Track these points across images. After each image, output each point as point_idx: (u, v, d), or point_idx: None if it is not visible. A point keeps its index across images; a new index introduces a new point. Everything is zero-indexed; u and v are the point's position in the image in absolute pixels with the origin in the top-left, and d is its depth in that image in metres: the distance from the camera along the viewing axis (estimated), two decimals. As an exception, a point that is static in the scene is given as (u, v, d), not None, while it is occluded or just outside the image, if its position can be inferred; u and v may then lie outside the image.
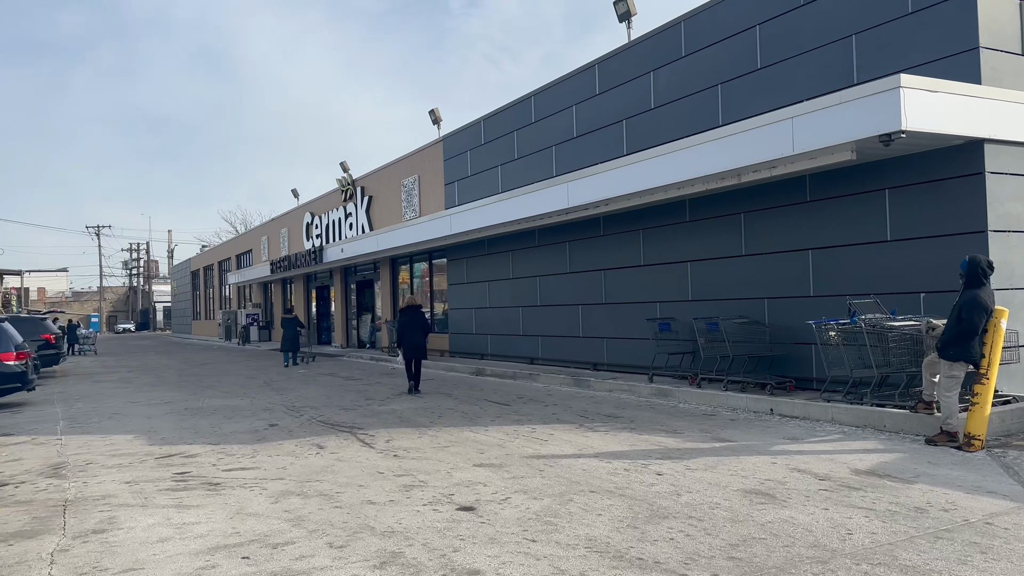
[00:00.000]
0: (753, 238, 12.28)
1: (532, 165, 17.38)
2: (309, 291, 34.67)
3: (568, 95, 16.36)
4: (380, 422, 10.76)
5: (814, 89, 10.99)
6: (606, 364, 15.35)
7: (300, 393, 14.97)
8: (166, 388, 17.24)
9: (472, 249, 20.06)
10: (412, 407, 12.21)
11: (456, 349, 21.05)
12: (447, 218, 18.50)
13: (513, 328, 18.41)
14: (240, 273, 41.40)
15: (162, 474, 7.74)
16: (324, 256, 27.54)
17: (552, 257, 16.98)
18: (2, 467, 8.40)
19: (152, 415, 12.49)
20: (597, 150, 15.30)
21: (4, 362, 14.15)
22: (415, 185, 23.28)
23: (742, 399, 10.81)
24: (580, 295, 16.11)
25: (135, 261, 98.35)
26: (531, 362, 17.59)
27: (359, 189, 27.53)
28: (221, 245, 53.25)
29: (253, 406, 13.18)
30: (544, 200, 14.88)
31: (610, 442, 8.68)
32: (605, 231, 15.35)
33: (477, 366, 17.61)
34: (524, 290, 17.98)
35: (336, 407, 12.58)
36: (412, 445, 8.87)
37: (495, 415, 11.06)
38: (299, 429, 10.40)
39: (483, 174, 19.42)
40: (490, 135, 19.16)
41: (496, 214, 16.51)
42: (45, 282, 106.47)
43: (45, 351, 21.47)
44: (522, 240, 17.89)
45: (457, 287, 21.06)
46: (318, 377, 18.45)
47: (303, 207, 34.21)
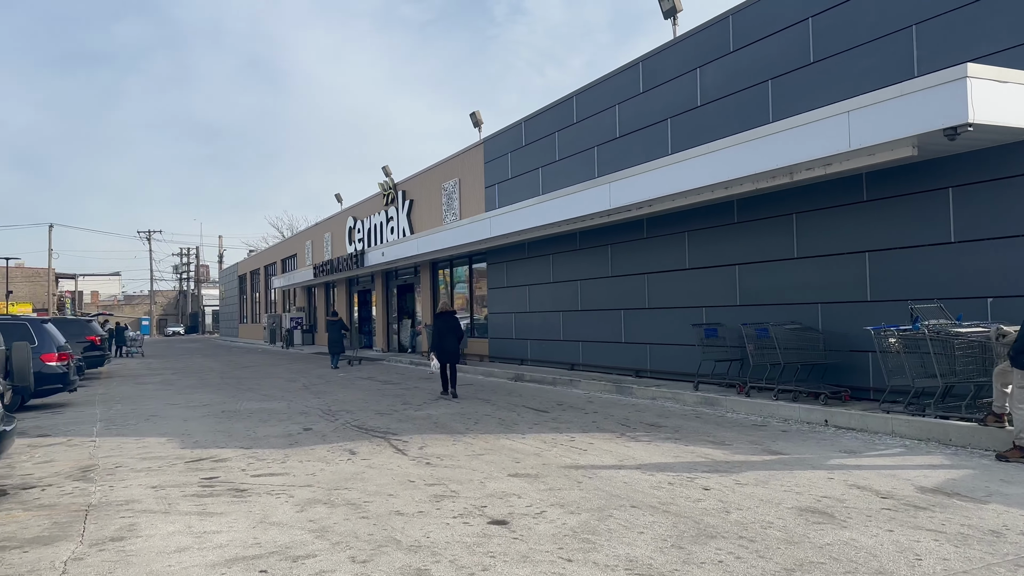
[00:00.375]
0: (806, 240, 11.71)
1: (573, 166, 16.99)
2: (351, 295, 34.75)
3: (611, 94, 15.94)
4: (415, 427, 10.47)
5: (871, 83, 10.40)
6: (649, 371, 14.85)
7: (337, 397, 14.80)
8: (207, 390, 17.25)
9: (512, 252, 19.73)
10: (448, 412, 11.90)
11: (496, 354, 20.74)
12: (486, 221, 18.21)
13: (553, 333, 18.02)
14: (284, 277, 41.79)
15: (189, 479, 7.54)
16: (365, 260, 27.51)
17: (593, 260, 16.55)
18: (33, 468, 8.32)
19: (189, 417, 12.41)
20: (640, 150, 14.84)
21: (46, 363, 14.26)
22: (456, 188, 23.07)
23: (794, 409, 10.26)
24: (622, 299, 15.65)
25: (185, 265, 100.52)
26: (571, 368, 17.17)
27: (400, 193, 27.45)
28: (267, 250, 53.93)
29: (290, 409, 13.02)
30: (585, 202, 14.48)
31: (653, 453, 8.23)
32: (648, 233, 14.88)
33: (516, 371, 17.26)
34: (565, 294, 17.58)
35: (372, 411, 12.35)
36: (446, 452, 8.55)
37: (533, 422, 10.69)
38: (332, 434, 10.16)
39: (524, 176, 19.09)
40: (531, 136, 18.83)
41: (536, 216, 16.16)
42: (98, 285, 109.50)
43: (90, 352, 21.78)
44: (563, 243, 17.51)
45: (497, 291, 20.75)
46: (357, 381, 18.30)
47: (346, 211, 34.33)
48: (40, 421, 12.50)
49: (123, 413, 13.26)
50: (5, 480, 7.72)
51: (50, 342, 14.43)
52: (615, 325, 15.87)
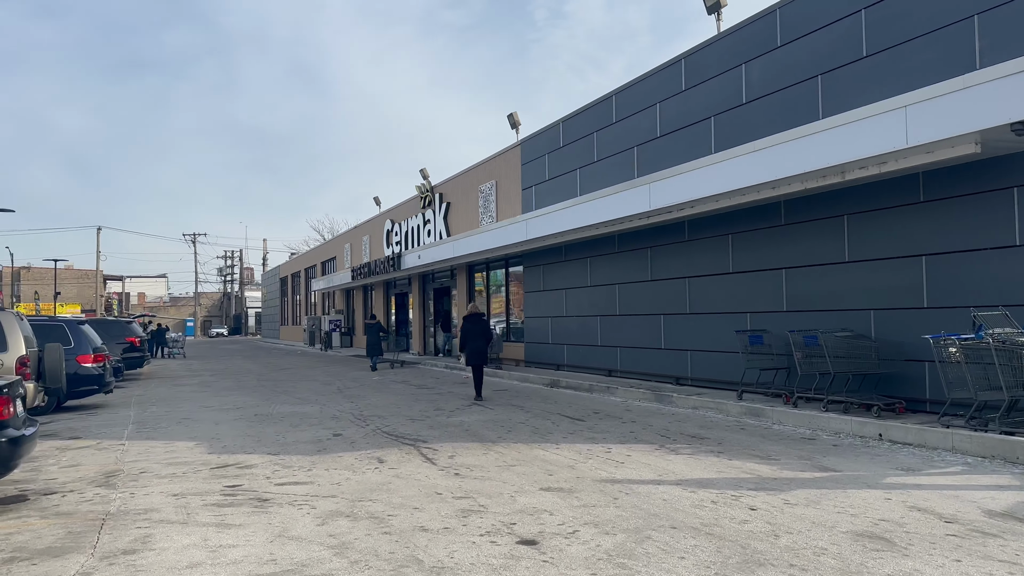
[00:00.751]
0: (858, 243, 11.12)
1: (612, 167, 16.56)
2: (389, 298, 34.71)
3: (651, 92, 15.48)
4: (446, 435, 10.15)
5: (928, 78, 9.80)
6: (690, 379, 14.34)
7: (370, 401, 14.58)
8: (242, 393, 17.19)
9: (549, 256, 19.36)
10: (481, 420, 11.57)
11: (532, 359, 20.36)
12: (523, 223, 17.86)
13: (590, 338, 17.59)
14: (323, 280, 42.00)
15: (212, 487, 7.32)
16: (402, 263, 27.38)
17: (632, 264, 16.09)
18: (58, 473, 8.19)
19: (220, 421, 12.28)
20: (682, 150, 14.36)
21: (82, 364, 14.31)
22: (492, 191, 22.78)
23: (845, 422, 9.69)
24: (662, 304, 15.16)
25: (229, 268, 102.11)
26: (609, 374, 16.72)
27: (437, 196, 27.26)
28: (307, 253, 54.36)
29: (321, 414, 12.82)
30: (624, 203, 14.05)
31: (695, 467, 7.78)
32: (690, 236, 14.38)
33: (552, 377, 16.87)
34: (602, 298, 17.15)
35: (404, 417, 12.07)
36: (476, 462, 8.20)
37: (568, 431, 10.29)
38: (362, 440, 9.90)
39: (561, 178, 18.71)
40: (569, 137, 18.44)
41: (573, 218, 15.77)
42: (145, 287, 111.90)
43: (130, 354, 21.97)
44: (600, 246, 17.08)
45: (533, 295, 20.39)
46: (391, 385, 18.09)
47: (384, 214, 34.31)
48: (74, 423, 12.49)
49: (156, 416, 13.20)
50: (28, 485, 7.60)
51: (86, 343, 14.48)
52: (654, 330, 15.39)
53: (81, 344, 14.43)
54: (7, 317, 10.50)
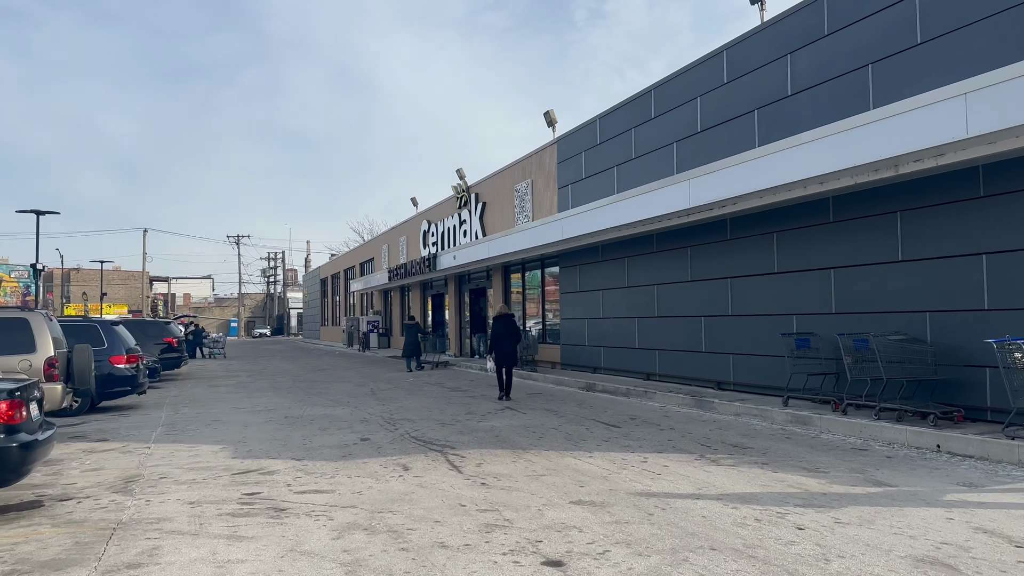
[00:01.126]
0: (912, 241, 10.48)
1: (650, 164, 16.05)
2: (425, 299, 34.56)
3: (692, 86, 14.94)
4: (475, 441, 9.79)
5: (988, 65, 9.14)
6: (732, 383, 13.77)
7: (402, 404, 14.30)
8: (275, 394, 17.09)
9: (585, 256, 18.90)
10: (513, 425, 11.18)
11: (568, 361, 19.93)
12: (558, 223, 17.44)
13: (628, 340, 17.09)
14: (361, 281, 42.08)
15: (230, 494, 7.06)
16: (437, 263, 27.17)
17: (671, 264, 15.56)
18: (78, 477, 8.03)
19: (250, 423, 12.11)
20: (724, 144, 13.80)
21: (115, 365, 14.30)
22: (528, 190, 22.40)
23: (900, 431, 9.09)
24: (703, 306, 14.61)
25: (272, 269, 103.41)
26: (647, 378, 16.21)
27: (473, 196, 26.99)
28: (346, 254, 54.65)
29: (351, 417, 12.58)
30: (662, 200, 13.55)
31: (737, 480, 7.29)
32: (732, 234, 13.81)
33: (588, 380, 16.41)
34: (640, 299, 16.64)
35: (434, 421, 11.76)
36: (504, 471, 7.82)
37: (602, 439, 9.85)
38: (389, 445, 9.60)
39: (598, 176, 18.24)
40: (606, 134, 17.97)
41: (609, 217, 15.30)
42: (191, 288, 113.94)
43: (168, 354, 22.10)
44: (638, 246, 16.57)
45: (569, 296, 19.94)
46: (424, 387, 17.82)
47: (420, 215, 34.18)
48: (104, 424, 12.44)
49: (186, 418, 13.10)
50: (47, 490, 7.44)
51: (119, 344, 14.47)
52: (695, 333, 14.84)
53: (114, 345, 14.43)
54: (35, 318, 10.45)
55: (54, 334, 10.74)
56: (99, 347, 14.29)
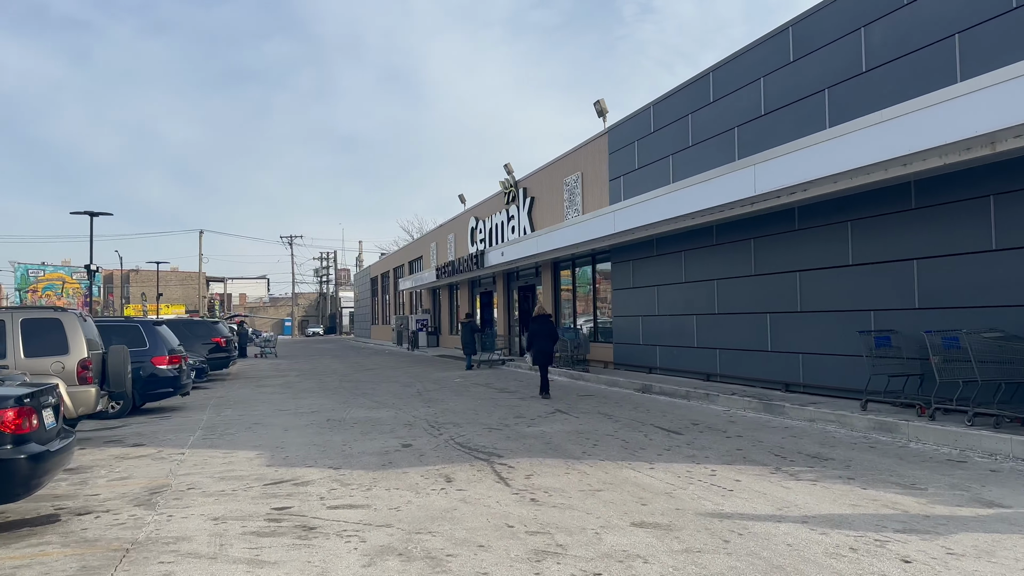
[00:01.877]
0: (1008, 227, 9.39)
1: (709, 151, 15.10)
2: (473, 296, 34.00)
3: (754, 67, 13.96)
4: (524, 448, 9.08)
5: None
6: (801, 385, 12.78)
7: (448, 406, 13.68)
8: (321, 395, 16.67)
9: (638, 250, 18.02)
10: (565, 430, 10.44)
11: (621, 361, 19.07)
12: (610, 215, 16.61)
13: (686, 339, 16.17)
14: (410, 279, 41.79)
15: (258, 509, 6.49)
16: (485, 260, 26.54)
17: (733, 257, 14.60)
18: (103, 488, 7.57)
19: (291, 426, 11.63)
20: (790, 128, 12.81)
21: (157, 366, 14.00)
22: (578, 183, 21.59)
23: (1002, 440, 8.06)
24: (768, 301, 13.63)
25: (324, 269, 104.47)
26: (707, 378, 15.28)
27: (521, 191, 26.29)
28: (395, 252, 54.54)
29: (395, 420, 12.01)
30: (725, 188, 12.63)
31: (821, 499, 6.41)
32: (800, 224, 12.81)
33: (644, 381, 15.55)
34: (699, 295, 15.70)
35: (481, 425, 11.09)
36: (556, 485, 7.09)
37: (663, 447, 9.03)
38: (432, 453, 8.96)
39: (652, 166, 17.34)
40: (660, 121, 17.06)
41: (666, 208, 14.42)
42: (246, 288, 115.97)
43: (216, 354, 21.94)
44: (696, 238, 15.64)
45: (622, 292, 19.08)
46: (471, 388, 17.19)
47: (468, 212, 33.63)
48: (144, 427, 12.10)
49: (227, 420, 12.69)
50: (67, 502, 6.98)
51: (161, 345, 14.17)
52: (759, 331, 13.86)
53: (156, 345, 14.14)
54: (68, 318, 10.11)
55: (88, 335, 10.39)
56: (140, 348, 14.02)
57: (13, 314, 10.02)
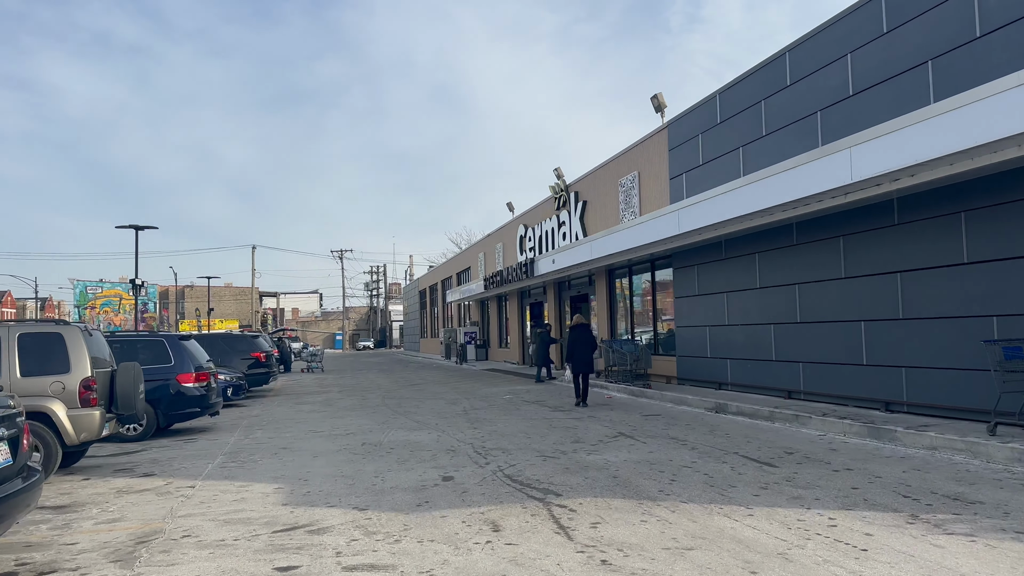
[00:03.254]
0: None
1: (786, 140, 13.45)
2: (523, 308, 32.59)
3: (839, 42, 12.31)
4: (586, 483, 7.61)
5: None
6: (904, 404, 11.02)
7: (496, 427, 12.28)
8: (361, 413, 15.46)
9: (704, 253, 16.40)
10: (632, 460, 8.92)
11: (685, 375, 17.42)
12: (674, 214, 15.03)
13: (762, 351, 14.47)
14: (457, 291, 40.64)
15: (258, 569, 5.18)
16: (535, 269, 25.14)
17: (817, 258, 12.90)
18: (84, 535, 6.35)
19: (321, 452, 10.38)
20: (884, 107, 11.13)
21: (182, 384, 12.94)
22: (634, 183, 20.05)
23: None
24: (862, 308, 11.90)
25: (375, 283, 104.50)
26: (788, 396, 13.56)
27: (572, 195, 24.84)
28: (443, 264, 53.56)
29: (437, 444, 10.67)
30: (813, 177, 10.99)
31: (993, 563, 4.77)
32: (902, 218, 11.09)
33: (716, 399, 13.90)
34: (777, 302, 14.01)
35: (533, 452, 9.65)
36: (632, 539, 5.60)
37: (757, 483, 7.45)
38: (476, 488, 7.55)
39: (718, 160, 15.74)
40: (728, 110, 15.46)
41: (740, 203, 12.81)
42: (299, 303, 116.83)
43: (255, 370, 20.97)
44: (772, 238, 13.97)
45: (685, 300, 17.45)
46: (522, 406, 15.75)
47: (517, 219, 32.32)
48: (162, 452, 10.99)
49: (255, 444, 11.51)
50: (35, 554, 5.76)
51: (187, 361, 13.11)
52: (851, 341, 12.13)
53: (182, 362, 13.08)
54: (71, 332, 9.02)
55: (95, 352, 9.29)
56: (165, 364, 12.99)
57: (10, 328, 8.98)
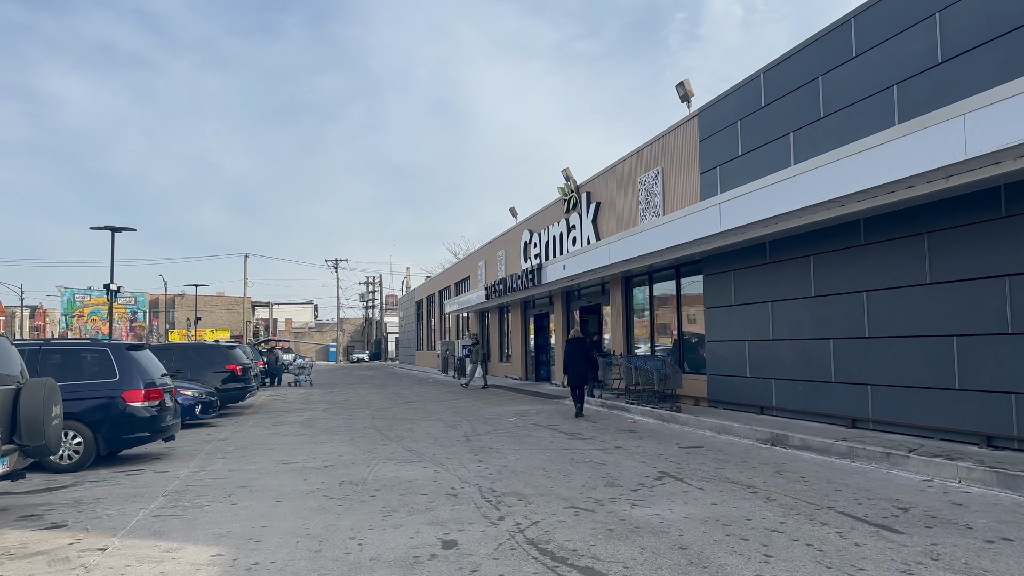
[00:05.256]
0: None
1: (852, 120, 11.39)
2: (527, 320, 30.43)
3: (923, 1, 10.27)
4: (647, 560, 5.45)
5: None
6: (1016, 439, 8.89)
7: (507, 461, 10.12)
8: (345, 438, 13.29)
9: (743, 257, 14.29)
10: (694, 516, 6.75)
11: (717, 397, 15.27)
12: (714, 209, 12.91)
13: (818, 371, 12.33)
14: (455, 301, 38.44)
15: None
16: (543, 276, 22.98)
17: (892, 261, 10.80)
18: None
19: (287, 494, 8.22)
20: (986, 73, 9.08)
21: (129, 403, 10.75)
22: (657, 180, 17.96)
23: None
24: (955, 320, 9.78)
25: (370, 294, 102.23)
26: (852, 424, 11.42)
27: (584, 196, 22.76)
28: (441, 274, 51.39)
29: (435, 484, 8.51)
30: (907, 156, 8.88)
31: None
32: (1010, 209, 9.00)
33: (769, 429, 11.73)
34: (837, 313, 11.89)
35: (559, 500, 7.49)
36: None
37: (891, 563, 5.28)
38: (488, 563, 5.40)
39: (762, 150, 13.66)
40: (776, 91, 13.40)
41: (803, 193, 10.69)
42: (292, 313, 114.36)
43: (229, 384, 18.73)
44: (832, 237, 11.88)
45: (719, 311, 15.32)
46: (533, 432, 13.57)
47: (520, 225, 30.22)
48: (91, 490, 8.79)
49: (208, 480, 9.33)
50: None
51: (136, 376, 10.93)
52: (940, 361, 10.01)
53: (130, 376, 10.90)
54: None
55: None
56: (109, 379, 10.82)
57: None
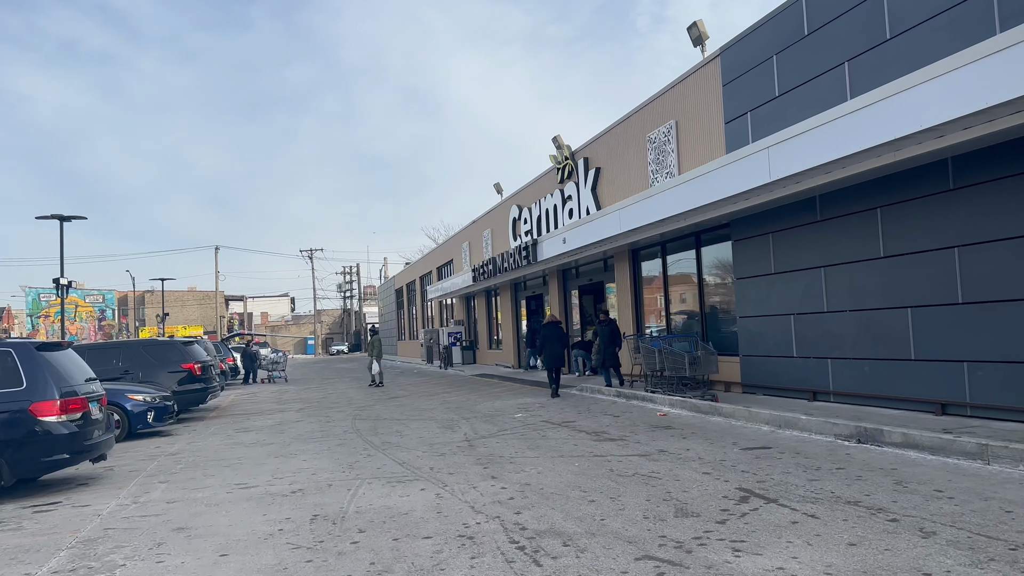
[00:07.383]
0: None
1: (925, 39, 9.25)
2: (517, 303, 28.22)
3: None
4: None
5: None
6: None
7: (527, 477, 7.93)
8: (321, 446, 11.07)
9: (785, 216, 12.16)
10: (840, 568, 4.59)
11: (754, 381, 13.18)
12: (761, 154, 10.69)
13: (891, 347, 10.25)
14: (438, 286, 36.13)
15: None
16: (539, 252, 20.75)
17: (988, 210, 8.71)
18: None
19: (237, 542, 6.00)
20: None
21: (41, 418, 8.42)
22: (670, 135, 15.76)
23: None
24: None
25: (348, 284, 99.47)
26: (942, 411, 9.36)
27: (581, 162, 20.53)
28: (422, 259, 48.93)
29: (440, 521, 6.33)
30: None
31: None
32: None
33: (851, 422, 9.62)
34: (918, 276, 9.79)
35: (621, 543, 5.32)
36: None
37: None
38: None
39: (807, 86, 11.50)
40: (823, 15, 11.22)
41: (885, 125, 8.51)
42: (268, 307, 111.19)
43: (187, 386, 16.34)
44: (907, 185, 9.77)
45: (753, 282, 13.20)
46: (547, 431, 11.39)
47: (507, 201, 27.97)
48: (-34, 547, 6.47)
49: (137, 520, 7.05)
50: None
51: (48, 383, 8.57)
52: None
53: (40, 384, 8.54)
54: None
55: None
56: (14, 388, 8.48)
57: None
